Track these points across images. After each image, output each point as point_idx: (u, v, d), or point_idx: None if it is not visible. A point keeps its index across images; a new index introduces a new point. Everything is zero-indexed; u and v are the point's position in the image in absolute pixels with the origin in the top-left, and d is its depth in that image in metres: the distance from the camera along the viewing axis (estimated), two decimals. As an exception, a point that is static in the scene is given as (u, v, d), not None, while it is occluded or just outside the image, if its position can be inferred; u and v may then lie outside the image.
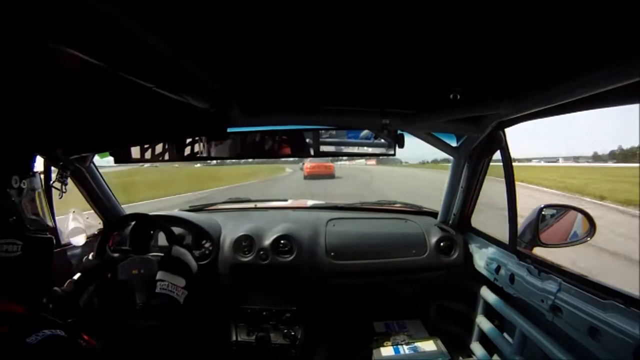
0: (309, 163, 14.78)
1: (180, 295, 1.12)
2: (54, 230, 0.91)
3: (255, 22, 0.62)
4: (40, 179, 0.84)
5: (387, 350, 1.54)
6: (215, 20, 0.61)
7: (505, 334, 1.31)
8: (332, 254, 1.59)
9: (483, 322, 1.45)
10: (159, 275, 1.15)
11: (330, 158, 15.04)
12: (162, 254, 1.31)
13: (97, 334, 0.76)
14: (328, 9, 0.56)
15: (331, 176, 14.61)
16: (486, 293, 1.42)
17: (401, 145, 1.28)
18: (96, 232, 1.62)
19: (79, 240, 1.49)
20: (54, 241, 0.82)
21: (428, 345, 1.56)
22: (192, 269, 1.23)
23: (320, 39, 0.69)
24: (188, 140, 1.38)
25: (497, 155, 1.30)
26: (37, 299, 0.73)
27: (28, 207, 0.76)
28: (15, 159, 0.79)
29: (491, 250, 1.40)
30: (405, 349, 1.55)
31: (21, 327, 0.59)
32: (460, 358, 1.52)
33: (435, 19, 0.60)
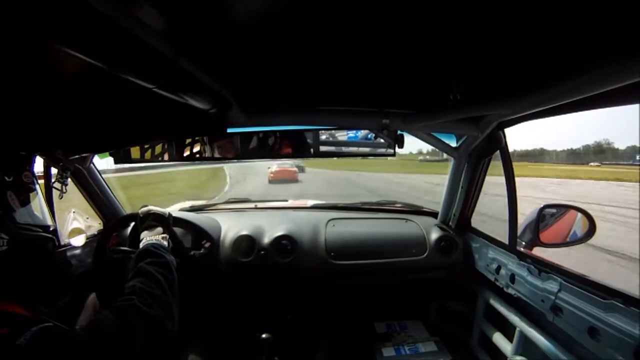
0: (274, 167, 15.81)
1: (161, 240, 1.09)
2: (54, 232, 0.90)
3: (255, 23, 0.62)
4: (35, 177, 0.83)
5: (388, 351, 1.55)
6: (215, 20, 0.61)
7: (505, 334, 1.31)
8: (332, 254, 1.58)
9: (483, 323, 1.45)
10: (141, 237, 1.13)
11: (295, 164, 16.75)
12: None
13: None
14: (328, 8, 0.57)
15: (294, 180, 15.91)
16: (486, 293, 1.42)
17: (401, 146, 1.28)
18: (96, 233, 1.62)
19: (79, 240, 1.48)
20: (55, 242, 0.81)
21: (429, 346, 1.57)
22: (164, 214, 1.20)
23: (320, 39, 0.69)
24: (188, 141, 1.38)
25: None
26: (35, 301, 0.71)
27: (16, 201, 0.74)
28: None
29: (491, 251, 1.40)
30: (406, 350, 1.55)
31: (16, 329, 0.57)
32: (461, 358, 1.52)
33: (435, 19, 0.60)
